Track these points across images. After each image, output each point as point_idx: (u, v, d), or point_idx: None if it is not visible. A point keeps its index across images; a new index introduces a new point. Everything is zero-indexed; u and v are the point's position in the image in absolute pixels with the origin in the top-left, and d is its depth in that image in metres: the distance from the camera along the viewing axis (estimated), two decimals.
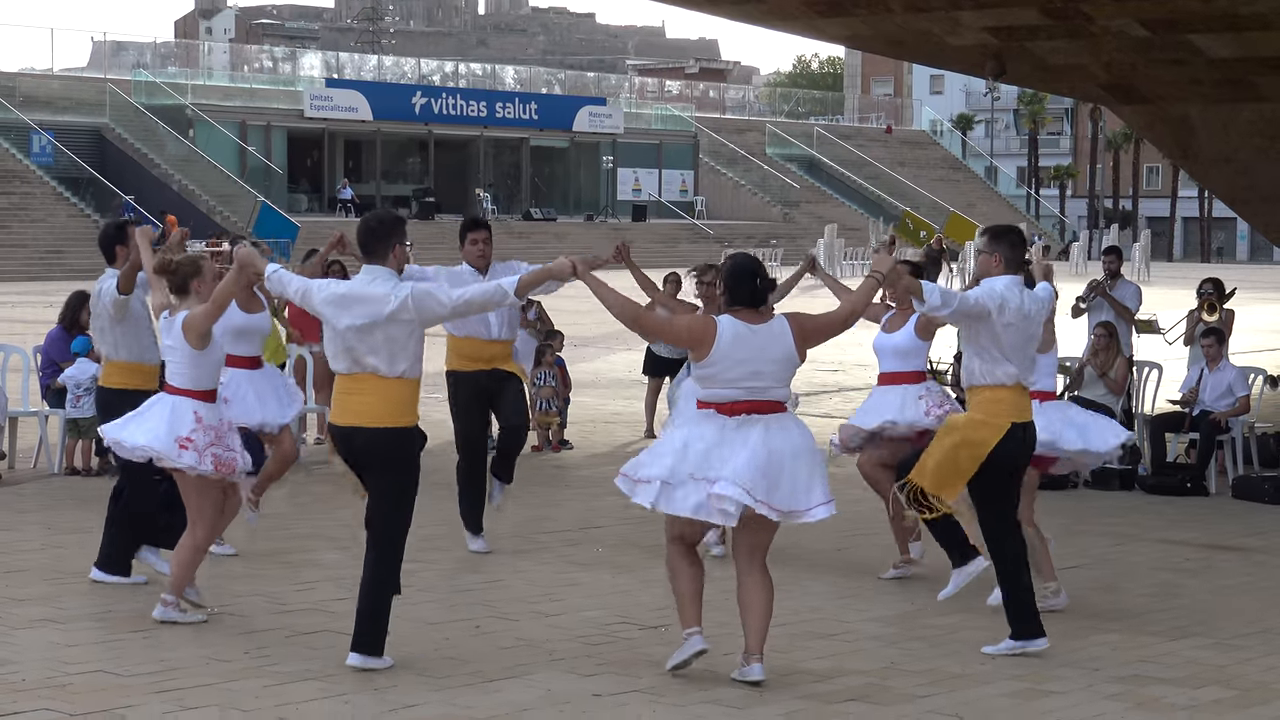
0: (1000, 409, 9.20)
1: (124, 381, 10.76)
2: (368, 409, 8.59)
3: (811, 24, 23.09)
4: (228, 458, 9.59)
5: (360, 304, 8.57)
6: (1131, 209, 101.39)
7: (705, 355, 8.37)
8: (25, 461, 15.55)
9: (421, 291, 8.61)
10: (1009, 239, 9.37)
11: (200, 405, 9.60)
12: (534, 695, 8.21)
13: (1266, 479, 15.37)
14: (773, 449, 8.29)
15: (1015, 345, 9.19)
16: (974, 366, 9.28)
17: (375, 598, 8.65)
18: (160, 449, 9.49)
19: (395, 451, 8.64)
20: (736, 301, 8.47)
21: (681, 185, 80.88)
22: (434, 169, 74.30)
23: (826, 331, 8.70)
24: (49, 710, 7.76)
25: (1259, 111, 22.05)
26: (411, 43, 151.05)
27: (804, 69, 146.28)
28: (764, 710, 8.05)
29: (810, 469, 8.42)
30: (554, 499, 14.49)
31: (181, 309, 9.65)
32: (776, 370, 8.40)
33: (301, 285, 8.87)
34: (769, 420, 8.37)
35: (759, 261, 8.64)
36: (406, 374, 8.63)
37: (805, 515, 8.44)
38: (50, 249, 54.30)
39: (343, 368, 8.69)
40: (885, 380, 11.38)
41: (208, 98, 68.18)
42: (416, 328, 8.61)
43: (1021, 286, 9.28)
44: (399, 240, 8.76)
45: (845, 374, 25.21)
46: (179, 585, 9.58)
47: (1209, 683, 8.77)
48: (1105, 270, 17.90)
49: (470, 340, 11.86)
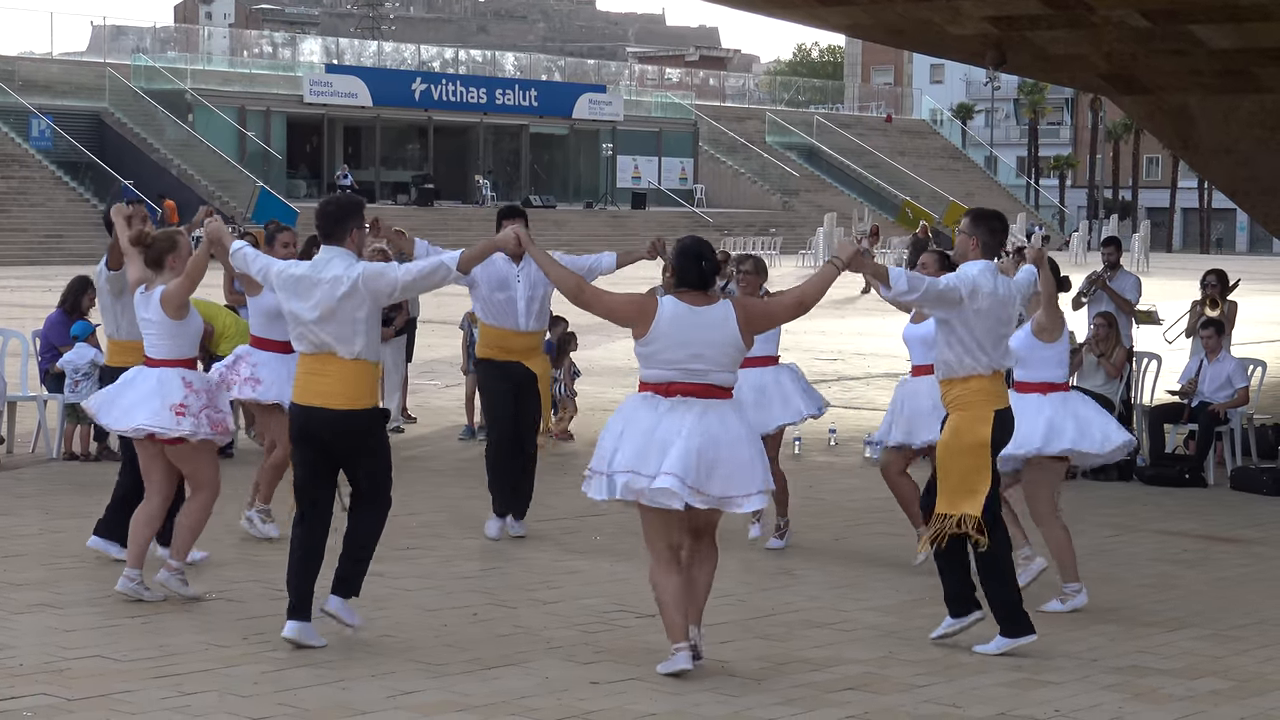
0: (979, 399, 9.08)
1: (127, 360, 10.80)
2: (328, 389, 8.73)
3: (812, 12, 23.10)
4: (219, 418, 9.77)
5: (315, 286, 8.73)
6: (1131, 199, 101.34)
7: (644, 333, 8.38)
8: (24, 446, 15.55)
9: (373, 272, 8.77)
10: (989, 224, 9.29)
11: (186, 372, 9.78)
12: (532, 683, 8.21)
13: (1265, 471, 15.38)
14: (708, 434, 8.26)
15: (988, 332, 9.06)
16: (948, 358, 9.13)
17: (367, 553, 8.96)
18: (157, 423, 9.57)
19: (358, 430, 8.79)
20: (683, 283, 8.47)
21: (681, 173, 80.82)
22: (433, 155, 74.21)
23: (773, 318, 8.75)
24: (46, 695, 7.76)
25: (1259, 102, 22.04)
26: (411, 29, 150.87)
27: (804, 57, 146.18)
28: (761, 698, 8.06)
29: (748, 457, 8.35)
30: (553, 487, 14.47)
31: (158, 283, 9.77)
32: (717, 355, 8.36)
33: (263, 265, 9.08)
34: (706, 405, 8.34)
35: (707, 244, 8.62)
36: (362, 355, 8.75)
37: (737, 503, 8.39)
38: (49, 233, 54.28)
39: (304, 347, 8.84)
40: (916, 372, 11.34)
41: (207, 83, 68.09)
42: (371, 308, 8.75)
43: (995, 272, 9.20)
44: (357, 224, 8.93)
45: (845, 363, 25.21)
46: (181, 552, 9.67)
47: (1206, 673, 8.78)
48: (1104, 261, 17.88)
49: (500, 330, 11.94)
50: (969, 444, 9.08)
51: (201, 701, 7.73)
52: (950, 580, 9.23)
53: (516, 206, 12.39)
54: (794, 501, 12.15)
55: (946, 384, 9.19)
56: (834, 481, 14.48)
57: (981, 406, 9.09)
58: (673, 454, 8.22)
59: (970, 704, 8.09)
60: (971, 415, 9.09)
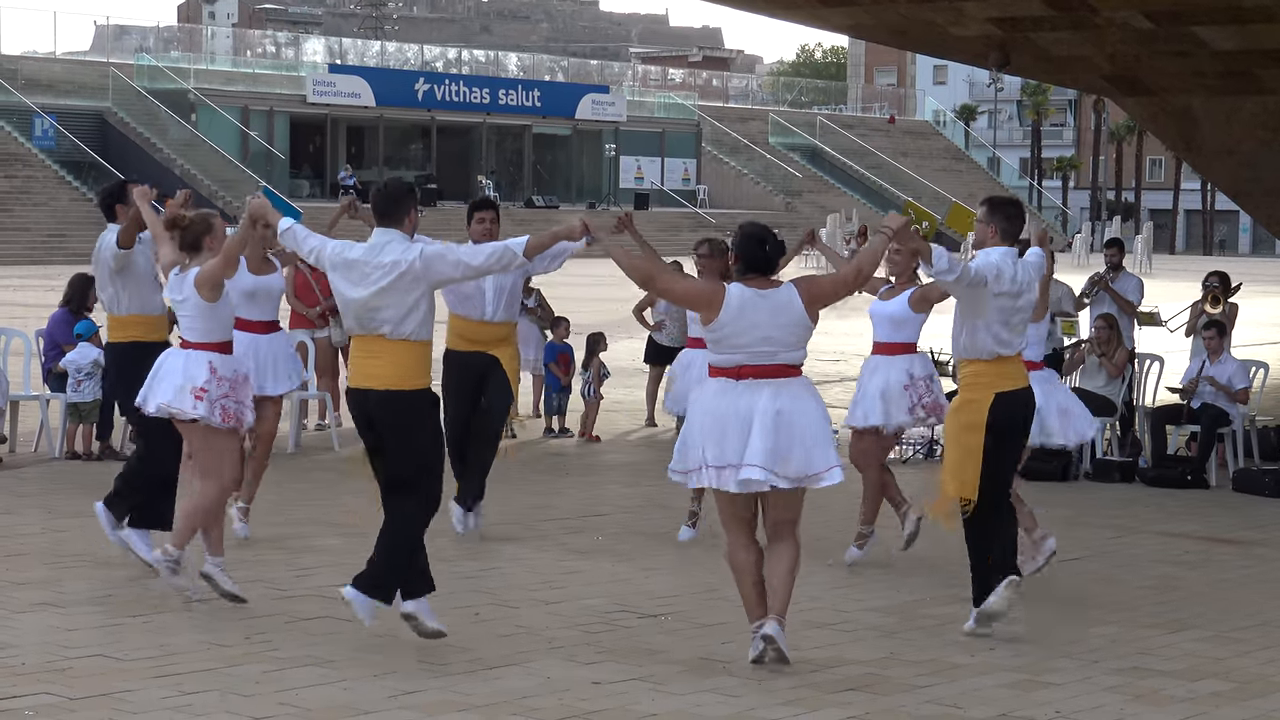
0: (983, 381, 9.30)
1: (129, 334, 10.83)
2: (379, 371, 8.69)
3: (815, 13, 23.11)
4: (235, 409, 9.69)
5: (371, 267, 8.67)
6: (1134, 201, 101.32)
7: (713, 319, 8.46)
8: (26, 445, 15.55)
9: (432, 253, 8.70)
10: (1005, 210, 9.50)
11: (215, 356, 9.72)
12: (534, 683, 8.21)
13: (1267, 472, 15.37)
14: (781, 412, 8.37)
15: (1004, 316, 9.27)
16: (962, 339, 9.36)
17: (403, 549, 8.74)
18: (174, 403, 9.58)
19: (406, 413, 8.71)
20: (749, 269, 8.57)
21: (684, 174, 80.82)
22: (436, 155, 74.23)
23: (836, 292, 8.77)
24: (48, 694, 7.76)
25: (1262, 104, 22.05)
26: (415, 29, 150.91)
27: (807, 58, 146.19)
28: (763, 698, 8.06)
29: (821, 434, 8.50)
30: (555, 487, 14.50)
31: (193, 265, 9.73)
32: (786, 335, 8.48)
33: (317, 244, 8.98)
34: (778, 385, 8.45)
35: (768, 228, 8.73)
36: (414, 336, 8.71)
37: (818, 480, 8.50)
38: (52, 232, 54.29)
39: (355, 328, 8.80)
40: (878, 349, 11.49)
41: (210, 82, 68.10)
42: (426, 290, 8.72)
43: (1015, 258, 9.37)
44: (413, 206, 8.89)
45: (846, 364, 25.21)
46: (181, 539, 9.65)
47: (1208, 675, 8.78)
48: (1107, 262, 17.89)
49: (467, 321, 11.84)
50: (963, 424, 9.34)
51: (203, 701, 7.73)
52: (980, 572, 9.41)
53: (487, 199, 12.32)
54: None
55: (962, 364, 9.44)
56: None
57: (983, 389, 9.30)
58: (754, 443, 8.33)
59: (971, 705, 8.09)
60: (971, 397, 9.33)
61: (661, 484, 10.01)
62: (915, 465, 15.90)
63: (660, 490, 12.52)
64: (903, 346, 11.42)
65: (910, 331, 11.42)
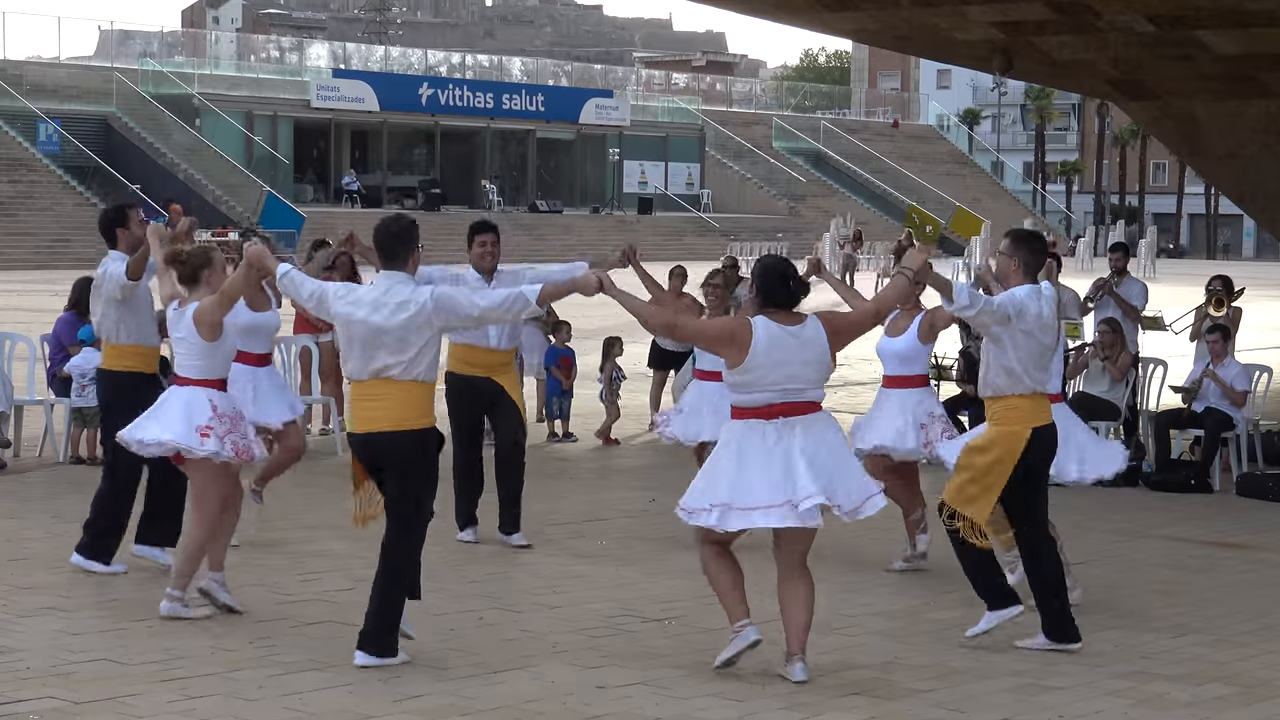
0: (1017, 416, 9.22)
1: (125, 364, 10.80)
2: (384, 413, 8.56)
3: (819, 18, 23.10)
4: (245, 445, 9.62)
5: (379, 308, 8.53)
6: (1138, 205, 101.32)
7: (742, 360, 8.34)
8: (31, 450, 15.58)
9: (443, 296, 8.58)
10: (1030, 245, 9.43)
11: (214, 394, 9.62)
12: (538, 687, 8.22)
13: (1271, 477, 15.38)
14: (816, 450, 8.33)
15: (1032, 354, 9.20)
16: (991, 378, 9.26)
17: (391, 597, 8.60)
18: (183, 442, 9.48)
19: (411, 453, 8.60)
20: (770, 303, 8.46)
21: (688, 178, 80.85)
22: (440, 160, 74.30)
23: (856, 330, 8.72)
24: (53, 699, 7.77)
25: (1266, 108, 22.06)
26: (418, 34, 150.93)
27: (811, 63, 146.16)
28: (767, 703, 8.07)
29: (855, 464, 8.55)
30: (558, 491, 14.50)
31: (192, 300, 9.64)
32: (810, 372, 8.41)
33: (316, 289, 8.82)
34: (806, 422, 8.39)
35: (790, 263, 8.65)
36: (422, 377, 8.60)
37: (865, 509, 8.49)
38: (56, 237, 54.33)
39: (359, 373, 8.63)
40: (889, 383, 11.53)
41: (214, 87, 68.17)
42: (435, 334, 8.59)
43: (1040, 295, 9.29)
44: (416, 245, 8.73)
45: (851, 368, 25.21)
46: (183, 581, 9.56)
47: (1211, 679, 8.78)
48: (1111, 267, 17.90)
49: (470, 348, 11.88)
50: (996, 453, 9.23)
51: (207, 705, 7.74)
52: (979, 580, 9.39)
53: (487, 222, 12.27)
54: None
55: (990, 402, 9.34)
56: None
57: (1019, 422, 9.22)
58: (804, 478, 8.26)
59: (975, 709, 8.10)
60: (1007, 430, 9.23)
61: (665, 488, 10.02)
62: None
63: (664, 494, 12.53)
64: (915, 379, 11.47)
65: (920, 365, 11.51)
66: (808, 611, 8.55)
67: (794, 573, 8.59)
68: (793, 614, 8.53)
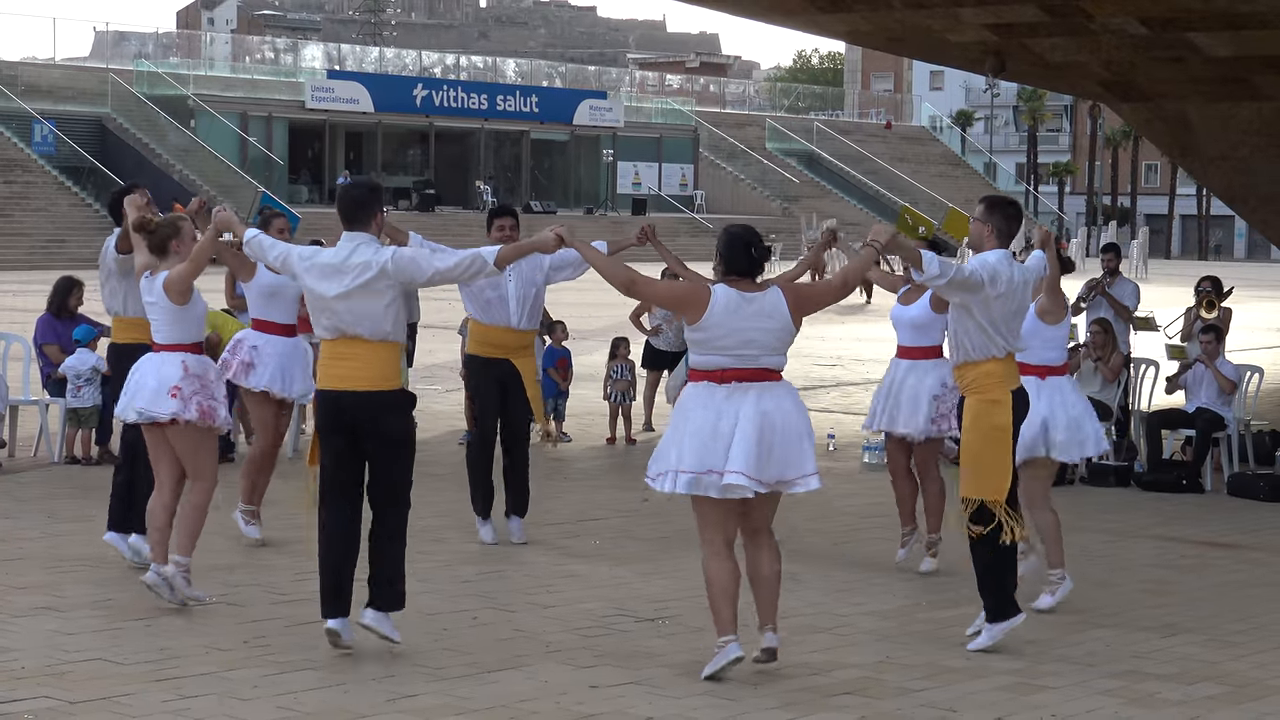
0: (994, 381, 9.26)
1: (133, 336, 10.86)
2: (354, 373, 8.69)
3: (812, 19, 23.13)
4: (209, 406, 9.71)
5: (343, 273, 8.68)
6: (1130, 206, 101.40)
7: (698, 320, 8.43)
8: (25, 450, 15.59)
9: (402, 257, 8.74)
10: (1004, 210, 9.47)
11: (188, 356, 9.76)
12: (531, 686, 8.25)
13: (1262, 477, 15.41)
14: (765, 418, 8.35)
15: (1004, 317, 9.24)
16: (964, 342, 9.29)
17: (395, 557, 8.81)
18: (154, 409, 9.62)
19: (385, 412, 8.72)
20: (732, 271, 8.55)
21: (681, 179, 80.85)
22: (435, 161, 74.27)
23: (821, 300, 8.80)
24: (48, 698, 7.79)
25: (1258, 110, 22.09)
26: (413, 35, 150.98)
27: (804, 64, 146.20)
28: (759, 703, 8.09)
29: (800, 439, 8.48)
30: (552, 491, 14.52)
31: (162, 269, 9.78)
32: (769, 339, 8.46)
33: (282, 251, 9.01)
34: (761, 388, 8.43)
35: (755, 231, 8.71)
36: (390, 337, 8.74)
37: (794, 485, 8.49)
38: (51, 238, 54.31)
39: (327, 333, 8.79)
40: (903, 353, 11.52)
41: (209, 88, 68.14)
42: (398, 292, 8.73)
43: (1011, 260, 9.36)
44: (379, 207, 8.89)
45: (844, 369, 25.26)
46: (186, 546, 9.67)
47: (1202, 679, 8.81)
48: (1104, 268, 17.95)
49: (492, 328, 11.94)
50: (988, 428, 9.25)
51: (202, 705, 7.76)
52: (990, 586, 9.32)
53: (507, 206, 12.41)
54: (794, 507, 12.13)
55: (962, 368, 9.37)
56: (833, 486, 14.48)
57: (998, 389, 9.26)
58: (735, 449, 8.30)
59: (967, 708, 8.13)
60: (989, 399, 9.25)
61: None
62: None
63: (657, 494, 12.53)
64: (928, 350, 11.42)
65: (934, 334, 11.37)
66: (775, 580, 8.60)
67: (756, 539, 8.64)
68: (759, 585, 8.60)
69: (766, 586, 8.60)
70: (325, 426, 8.82)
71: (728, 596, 8.52)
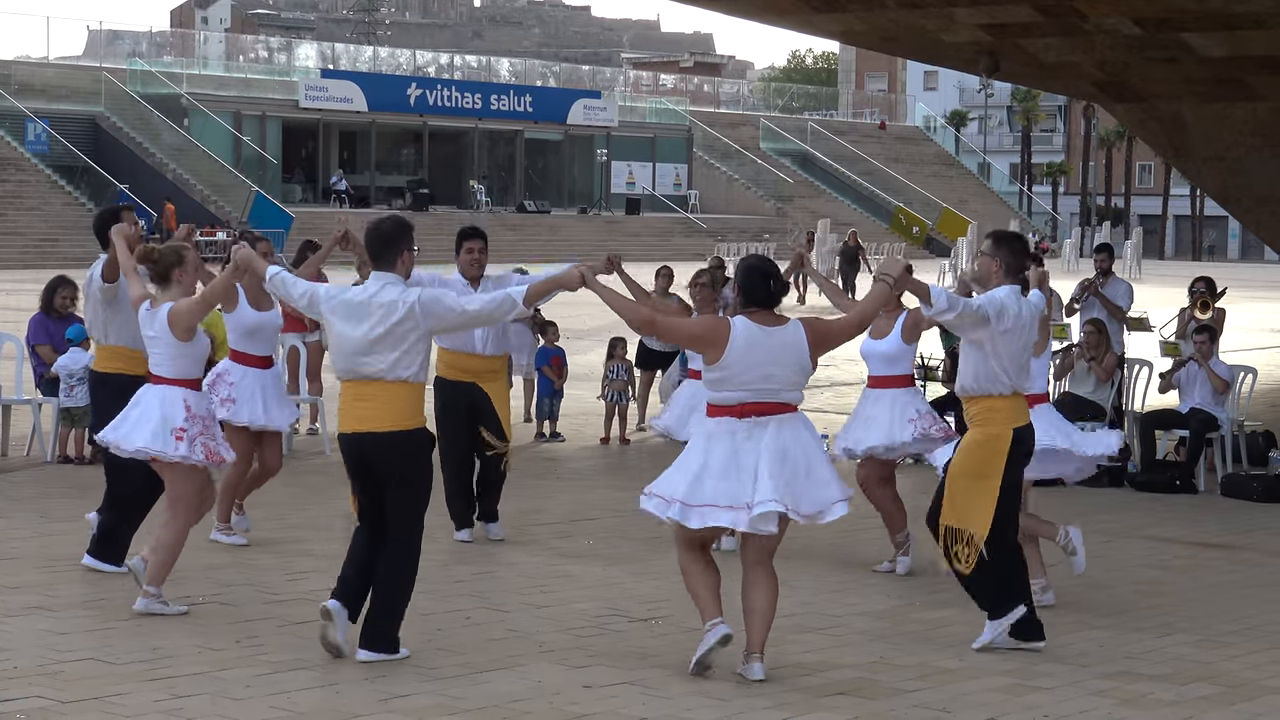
0: (998, 417, 9.25)
1: (114, 366, 10.81)
2: (374, 414, 8.60)
3: (806, 19, 23.15)
4: (215, 448, 9.65)
5: (369, 312, 8.58)
6: (1124, 206, 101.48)
7: (718, 358, 8.38)
8: (18, 450, 15.58)
9: (430, 298, 8.63)
10: (1011, 246, 9.45)
11: (189, 394, 9.65)
12: (524, 686, 8.24)
13: (1255, 477, 15.43)
14: (786, 451, 8.34)
15: (1012, 354, 9.23)
16: (971, 376, 9.29)
17: (396, 596, 8.72)
18: (158, 447, 9.50)
19: (404, 452, 8.64)
20: (751, 303, 8.51)
21: (675, 179, 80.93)
22: (428, 161, 74.31)
23: (839, 338, 8.74)
24: (40, 698, 7.78)
25: (1252, 110, 22.11)
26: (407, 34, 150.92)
27: (798, 64, 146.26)
28: (753, 703, 8.09)
29: (824, 467, 8.48)
30: (545, 491, 14.53)
31: (165, 300, 9.65)
32: (787, 374, 8.43)
33: (307, 290, 8.86)
34: (780, 421, 8.41)
35: (773, 263, 8.68)
36: (412, 379, 8.64)
37: (827, 515, 8.49)
38: (45, 237, 54.32)
39: (348, 374, 8.69)
40: (875, 383, 11.55)
41: (203, 87, 68.18)
42: (423, 334, 8.64)
43: (1019, 295, 9.34)
44: (407, 247, 8.78)
45: (837, 369, 25.24)
46: (159, 576, 9.57)
47: (1195, 679, 8.81)
48: (1097, 268, 17.96)
49: (458, 354, 11.93)
50: (982, 460, 9.25)
51: (194, 704, 7.76)
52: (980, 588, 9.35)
53: (476, 228, 12.30)
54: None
55: (969, 402, 9.37)
56: None
57: (1000, 424, 9.25)
58: (764, 481, 8.26)
59: (960, 709, 8.13)
60: (990, 433, 9.25)
61: None
62: (904, 470, 15.86)
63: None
64: (900, 380, 11.51)
65: (905, 365, 11.55)
66: (770, 610, 8.55)
67: (757, 571, 8.59)
68: (754, 612, 8.55)
69: (761, 619, 8.55)
70: (349, 467, 8.79)
71: (709, 589, 8.51)
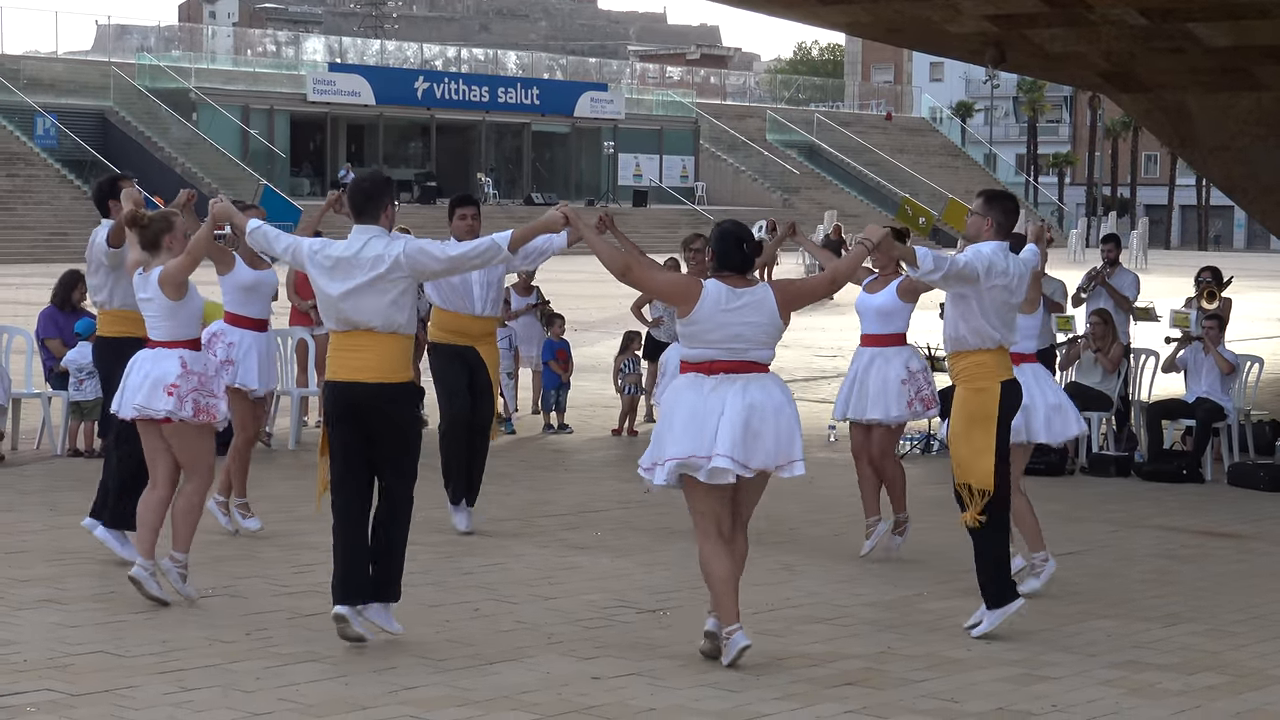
0: (985, 371, 9.34)
1: (117, 329, 10.86)
2: (365, 364, 8.72)
3: (812, 11, 23.15)
4: (208, 404, 9.68)
5: (355, 266, 8.70)
6: (1130, 196, 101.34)
7: (688, 313, 8.51)
8: (28, 443, 15.62)
9: (414, 248, 8.76)
10: (1002, 204, 9.52)
11: (185, 353, 9.70)
12: (533, 678, 8.26)
13: (1262, 466, 15.43)
14: (751, 404, 8.42)
15: (999, 309, 9.32)
16: (958, 332, 9.38)
17: (396, 545, 8.89)
18: (147, 403, 9.58)
19: (397, 404, 8.77)
20: (724, 266, 8.61)
21: (682, 171, 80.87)
22: (436, 154, 74.30)
23: (810, 296, 8.89)
24: (50, 690, 7.81)
25: (1257, 100, 22.09)
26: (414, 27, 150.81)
27: (805, 55, 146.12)
28: (760, 693, 8.11)
29: (789, 425, 8.52)
30: (553, 483, 14.55)
31: (155, 264, 9.73)
32: (758, 334, 8.52)
33: (290, 243, 9.02)
34: (748, 379, 8.50)
35: (746, 228, 8.77)
36: (401, 330, 8.76)
37: (782, 471, 8.54)
38: (54, 231, 54.33)
39: (338, 325, 8.81)
40: (867, 341, 11.58)
41: (211, 81, 68.20)
42: (410, 284, 8.77)
43: (1008, 252, 9.42)
44: (390, 200, 8.91)
45: (843, 359, 25.25)
46: (184, 541, 9.65)
47: (1203, 668, 8.82)
48: (1104, 258, 17.96)
49: (455, 315, 11.95)
50: (976, 417, 9.32)
51: (204, 697, 7.78)
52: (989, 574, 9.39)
53: (468, 195, 12.39)
54: (794, 499, 12.18)
55: (954, 357, 9.46)
56: (833, 477, 14.51)
57: (988, 379, 9.34)
58: (722, 434, 8.36)
59: (968, 698, 8.14)
60: (978, 388, 9.34)
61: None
62: (912, 459, 15.91)
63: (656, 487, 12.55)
64: (893, 338, 11.50)
65: (900, 322, 11.51)
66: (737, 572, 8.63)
67: (733, 532, 8.66)
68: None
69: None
70: (334, 416, 8.84)
71: (728, 582, 8.56)
